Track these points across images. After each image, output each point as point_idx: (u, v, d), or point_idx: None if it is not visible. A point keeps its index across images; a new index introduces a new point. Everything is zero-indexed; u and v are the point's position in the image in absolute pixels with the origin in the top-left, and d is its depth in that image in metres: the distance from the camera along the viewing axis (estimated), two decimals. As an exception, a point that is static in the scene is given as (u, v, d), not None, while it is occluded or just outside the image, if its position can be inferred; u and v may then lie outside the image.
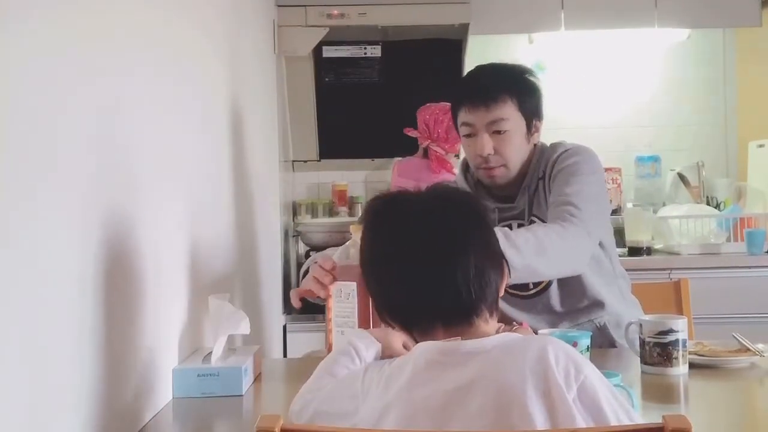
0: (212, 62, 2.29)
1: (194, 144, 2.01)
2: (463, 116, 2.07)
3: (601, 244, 2.08)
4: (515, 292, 2.07)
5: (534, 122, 2.09)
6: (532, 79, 2.12)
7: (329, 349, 1.70)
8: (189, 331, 1.84)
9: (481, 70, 2.15)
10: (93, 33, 1.35)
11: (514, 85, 2.08)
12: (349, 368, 1.35)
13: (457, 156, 3.45)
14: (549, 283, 2.07)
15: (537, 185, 2.07)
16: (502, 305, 1.99)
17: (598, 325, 2.07)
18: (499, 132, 2.03)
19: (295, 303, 1.82)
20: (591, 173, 2.04)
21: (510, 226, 2.02)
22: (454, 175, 2.78)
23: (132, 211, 1.50)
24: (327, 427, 1.09)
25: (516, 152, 2.06)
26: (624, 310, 2.10)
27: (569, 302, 2.08)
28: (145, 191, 1.59)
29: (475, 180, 2.15)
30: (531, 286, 2.07)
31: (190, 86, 2.01)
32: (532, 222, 2.04)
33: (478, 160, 2.06)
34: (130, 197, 1.50)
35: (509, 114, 2.04)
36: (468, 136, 2.07)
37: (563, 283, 2.06)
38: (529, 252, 1.80)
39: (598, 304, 2.07)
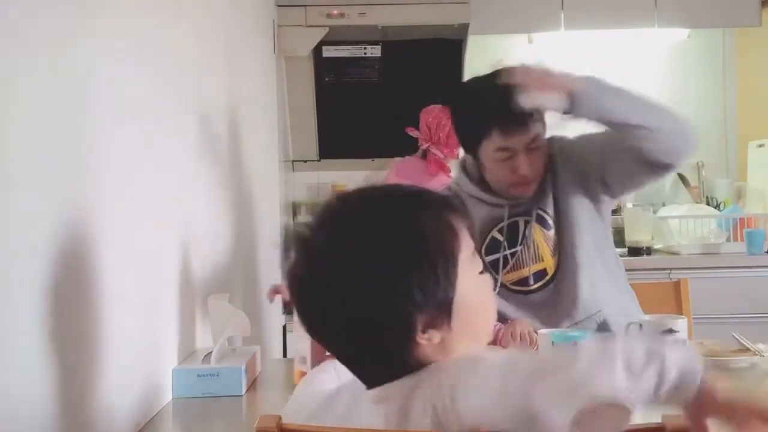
0: (212, 62, 2.29)
1: (194, 144, 2.01)
2: (499, 142, 1.96)
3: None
4: (517, 288, 2.06)
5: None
6: None
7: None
8: (188, 332, 1.84)
9: (505, 92, 1.85)
10: (92, 33, 1.35)
11: None
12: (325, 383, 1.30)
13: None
14: (551, 279, 2.05)
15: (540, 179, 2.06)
16: (500, 303, 1.98)
17: (597, 321, 2.06)
18: (535, 148, 1.98)
19: (271, 298, 1.81)
20: None
21: (517, 223, 2.02)
22: (450, 179, 2.77)
23: (131, 211, 1.50)
24: (327, 427, 1.08)
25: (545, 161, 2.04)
26: (621, 302, 2.09)
27: (568, 298, 2.05)
28: (145, 191, 1.59)
29: (478, 178, 2.10)
30: (532, 282, 2.06)
31: (190, 86, 2.01)
32: (539, 216, 2.04)
33: (515, 179, 2.00)
34: (130, 197, 1.50)
35: (542, 128, 2.00)
36: (504, 159, 1.98)
37: (562, 278, 2.04)
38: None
39: (597, 299, 2.05)
